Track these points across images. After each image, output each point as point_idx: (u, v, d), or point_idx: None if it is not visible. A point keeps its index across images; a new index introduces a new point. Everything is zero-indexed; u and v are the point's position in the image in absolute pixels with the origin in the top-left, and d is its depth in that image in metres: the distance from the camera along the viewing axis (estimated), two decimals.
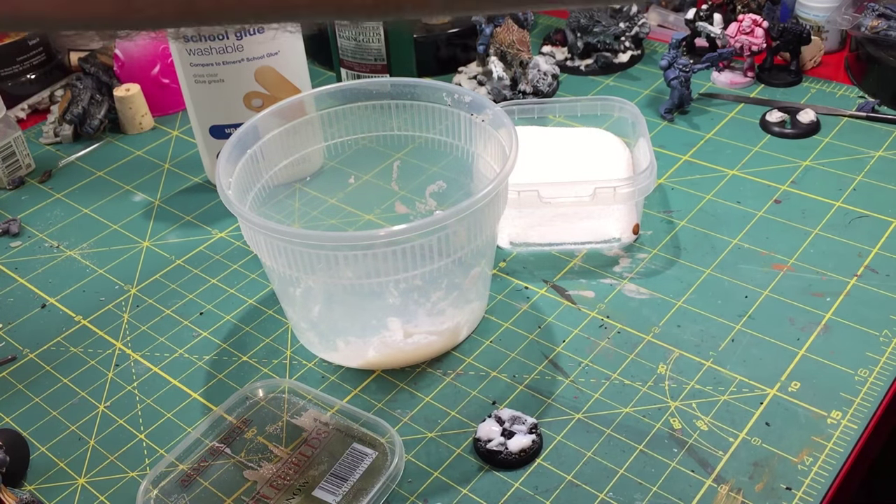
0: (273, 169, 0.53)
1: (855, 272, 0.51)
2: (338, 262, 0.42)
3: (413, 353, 0.48)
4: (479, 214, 0.42)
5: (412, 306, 0.48)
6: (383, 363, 0.48)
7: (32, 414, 0.47)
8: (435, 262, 0.42)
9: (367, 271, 0.42)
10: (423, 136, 0.53)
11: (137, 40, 0.67)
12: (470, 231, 0.43)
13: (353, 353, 0.48)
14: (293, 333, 0.51)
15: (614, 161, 0.57)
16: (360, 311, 0.48)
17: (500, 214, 0.45)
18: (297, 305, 0.49)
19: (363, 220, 0.59)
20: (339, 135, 0.55)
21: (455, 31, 0.74)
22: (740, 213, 0.56)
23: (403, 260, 0.42)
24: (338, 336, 0.48)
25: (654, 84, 0.71)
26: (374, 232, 0.41)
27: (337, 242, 0.42)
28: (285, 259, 0.43)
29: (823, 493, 0.39)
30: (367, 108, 0.53)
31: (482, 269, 0.48)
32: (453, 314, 0.48)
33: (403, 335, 0.47)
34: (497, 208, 0.45)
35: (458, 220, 0.42)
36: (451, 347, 0.48)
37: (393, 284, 0.46)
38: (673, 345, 0.47)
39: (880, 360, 0.45)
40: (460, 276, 0.48)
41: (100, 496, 0.42)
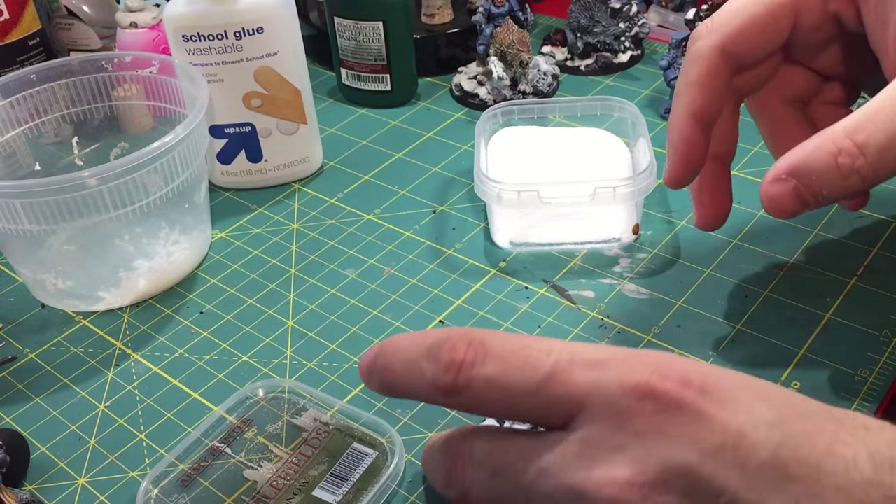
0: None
1: (855, 272, 0.51)
2: (77, 205, 0.47)
3: (177, 268, 0.55)
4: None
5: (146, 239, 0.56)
6: (155, 288, 0.54)
7: (32, 414, 0.47)
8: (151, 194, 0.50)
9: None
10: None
11: (136, 39, 0.67)
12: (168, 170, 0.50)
13: (125, 291, 0.53)
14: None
15: (614, 161, 0.57)
16: (111, 250, 0.55)
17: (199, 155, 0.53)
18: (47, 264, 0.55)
19: (363, 220, 0.59)
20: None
21: (455, 31, 0.74)
22: (740, 213, 0.56)
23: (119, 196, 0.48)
24: (98, 286, 0.53)
25: (654, 84, 0.71)
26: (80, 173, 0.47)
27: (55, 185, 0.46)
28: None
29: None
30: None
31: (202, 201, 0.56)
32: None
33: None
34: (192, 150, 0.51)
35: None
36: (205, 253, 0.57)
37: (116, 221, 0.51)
38: (673, 345, 0.47)
39: (880, 360, 0.45)
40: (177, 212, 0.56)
41: (100, 496, 0.42)
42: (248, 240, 0.59)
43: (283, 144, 0.62)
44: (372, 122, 0.70)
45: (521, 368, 0.27)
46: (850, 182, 0.36)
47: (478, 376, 0.27)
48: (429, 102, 0.72)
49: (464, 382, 0.27)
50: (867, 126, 0.35)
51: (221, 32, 0.57)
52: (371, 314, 0.52)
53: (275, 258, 0.57)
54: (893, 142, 0.35)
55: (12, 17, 0.66)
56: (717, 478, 0.23)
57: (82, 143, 0.64)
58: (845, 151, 0.36)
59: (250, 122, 0.61)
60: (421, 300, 0.52)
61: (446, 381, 0.28)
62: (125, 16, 0.67)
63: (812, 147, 0.37)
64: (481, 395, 0.27)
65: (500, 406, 0.28)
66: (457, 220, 0.58)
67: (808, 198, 0.37)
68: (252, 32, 0.57)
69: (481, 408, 0.28)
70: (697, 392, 0.24)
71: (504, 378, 0.27)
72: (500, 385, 0.27)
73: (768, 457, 0.23)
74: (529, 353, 0.27)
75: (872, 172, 0.36)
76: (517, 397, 0.27)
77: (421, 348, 0.29)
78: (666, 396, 0.24)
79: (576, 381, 0.26)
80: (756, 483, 0.23)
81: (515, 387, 0.27)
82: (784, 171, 0.37)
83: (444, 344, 0.28)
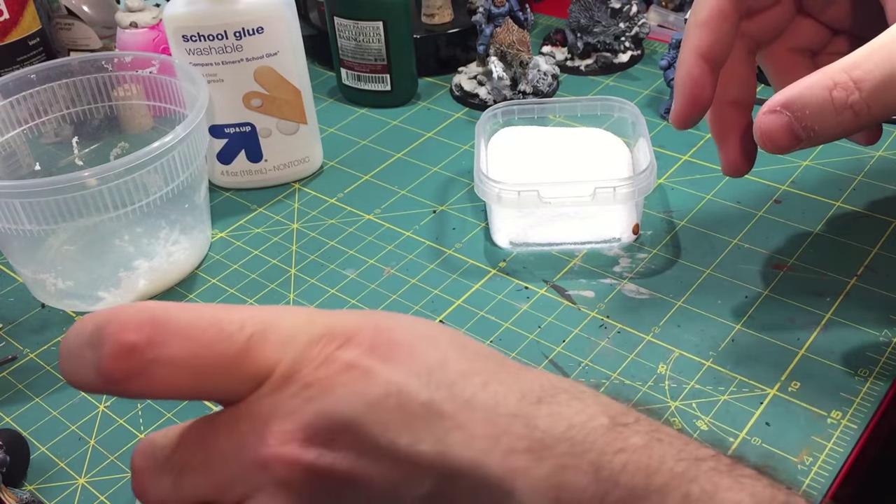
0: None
1: (855, 272, 0.51)
2: (77, 205, 0.47)
3: (177, 267, 0.55)
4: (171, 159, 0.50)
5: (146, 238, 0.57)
6: (155, 287, 0.54)
7: (32, 414, 0.47)
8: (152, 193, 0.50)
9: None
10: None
11: (136, 39, 0.67)
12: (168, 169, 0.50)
13: (124, 291, 0.53)
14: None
15: (614, 161, 0.57)
16: (110, 249, 0.56)
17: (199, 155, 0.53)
18: (48, 264, 0.55)
19: (363, 220, 0.59)
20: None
21: (455, 31, 0.74)
22: (740, 213, 0.56)
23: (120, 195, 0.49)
24: (98, 286, 0.53)
25: (654, 84, 0.71)
26: (80, 173, 0.47)
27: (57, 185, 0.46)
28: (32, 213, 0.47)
29: (823, 493, 0.39)
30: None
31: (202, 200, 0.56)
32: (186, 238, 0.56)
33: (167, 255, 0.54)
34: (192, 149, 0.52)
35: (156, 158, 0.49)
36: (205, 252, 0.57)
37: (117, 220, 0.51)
38: (673, 345, 0.47)
39: (880, 360, 0.45)
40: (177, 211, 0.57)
41: (100, 496, 0.42)
42: (248, 240, 0.59)
43: (283, 144, 0.62)
44: (372, 122, 0.70)
45: (211, 346, 0.25)
46: (843, 118, 0.37)
47: (159, 358, 0.25)
48: (429, 102, 0.72)
49: (139, 367, 0.24)
50: (864, 63, 0.36)
51: (221, 32, 0.57)
52: None
53: (275, 258, 0.57)
54: (889, 80, 0.36)
55: (12, 17, 0.66)
56: (378, 425, 0.24)
57: (82, 143, 0.64)
58: (841, 86, 0.36)
59: (250, 122, 0.61)
60: (421, 300, 0.52)
61: (115, 368, 0.24)
62: (125, 16, 0.67)
63: (809, 81, 0.37)
64: (165, 378, 0.25)
65: (190, 389, 0.25)
66: (457, 220, 0.58)
67: (800, 132, 0.38)
68: (252, 32, 0.57)
69: (162, 392, 0.25)
70: (367, 351, 0.25)
71: (193, 359, 0.25)
72: (188, 366, 0.25)
73: (426, 399, 0.24)
74: (222, 329, 0.25)
75: (866, 108, 0.37)
76: (207, 376, 0.25)
77: (82, 335, 0.25)
78: (338, 362, 0.25)
79: (267, 356, 0.26)
80: (412, 426, 0.24)
81: (206, 365, 0.25)
82: (779, 104, 0.38)
83: (109, 325, 0.25)
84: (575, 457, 0.23)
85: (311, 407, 0.25)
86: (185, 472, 0.27)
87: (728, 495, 0.23)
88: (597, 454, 0.23)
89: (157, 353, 0.25)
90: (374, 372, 0.25)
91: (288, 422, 0.25)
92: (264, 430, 0.25)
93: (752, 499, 0.23)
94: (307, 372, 0.25)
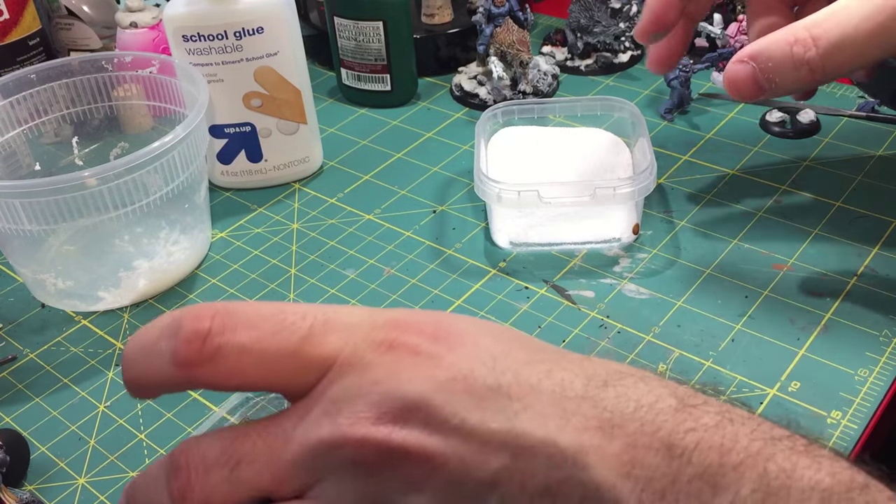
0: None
1: (855, 272, 0.51)
2: (77, 205, 0.47)
3: (177, 268, 0.55)
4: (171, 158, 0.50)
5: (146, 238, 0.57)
6: (155, 287, 0.54)
7: (32, 414, 0.47)
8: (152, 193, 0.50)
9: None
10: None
11: (136, 39, 0.67)
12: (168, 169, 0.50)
13: (124, 291, 0.53)
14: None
15: (614, 161, 0.57)
16: (109, 249, 0.56)
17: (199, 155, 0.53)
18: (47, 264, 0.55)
19: (363, 220, 0.59)
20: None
21: (455, 31, 0.74)
22: (740, 213, 0.56)
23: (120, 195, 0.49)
24: (98, 286, 0.53)
25: (654, 84, 0.71)
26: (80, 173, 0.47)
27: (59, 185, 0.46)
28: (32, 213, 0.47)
29: None
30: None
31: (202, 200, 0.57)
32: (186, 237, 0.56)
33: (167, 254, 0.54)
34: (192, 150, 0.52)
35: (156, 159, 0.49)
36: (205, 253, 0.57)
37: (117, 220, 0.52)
38: (673, 345, 0.47)
39: (880, 360, 0.45)
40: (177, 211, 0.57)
41: (100, 496, 0.42)
42: (248, 240, 0.59)
43: (283, 144, 0.62)
44: (372, 122, 0.70)
45: (275, 333, 0.26)
46: (801, 73, 0.40)
47: (228, 344, 0.26)
48: (429, 102, 0.72)
49: (211, 351, 0.26)
50: (825, 22, 0.40)
51: (221, 32, 0.57)
52: None
53: (275, 258, 0.57)
54: (844, 40, 0.39)
55: (12, 17, 0.66)
56: (448, 405, 0.25)
57: (82, 143, 0.64)
58: (801, 42, 0.40)
59: (250, 122, 0.61)
60: (421, 300, 0.52)
61: (189, 352, 0.26)
62: (125, 16, 0.67)
63: (776, 36, 0.41)
64: (234, 364, 0.26)
65: (253, 375, 0.26)
66: (457, 220, 0.58)
67: (762, 82, 0.41)
68: (252, 32, 0.57)
69: (232, 379, 0.26)
70: (431, 339, 0.26)
71: (259, 344, 0.26)
72: (254, 352, 0.26)
73: (492, 382, 0.25)
74: (285, 318, 0.26)
75: (821, 66, 0.40)
76: (273, 363, 0.26)
77: (158, 329, 0.27)
78: (403, 347, 0.26)
79: (330, 343, 0.26)
80: (481, 405, 0.25)
81: (271, 352, 0.26)
82: (746, 55, 0.42)
83: (184, 318, 0.26)
84: (646, 435, 0.24)
85: (379, 388, 0.25)
86: (242, 464, 0.27)
87: (807, 473, 0.23)
88: (667, 433, 0.24)
89: (227, 340, 0.26)
90: (440, 357, 0.26)
91: (358, 403, 0.25)
92: (335, 412, 0.25)
93: (832, 478, 0.23)
94: (372, 357, 0.26)
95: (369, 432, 0.25)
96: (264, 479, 0.26)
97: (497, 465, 0.24)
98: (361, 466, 0.25)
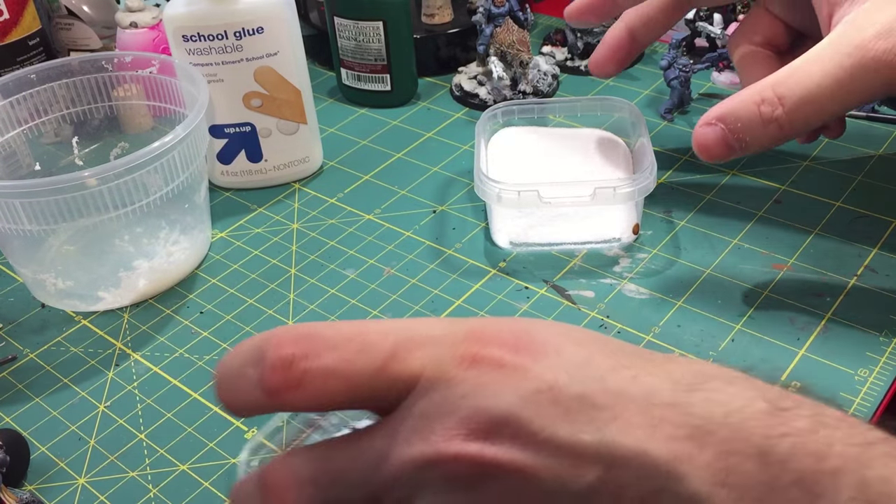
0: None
1: (855, 272, 0.51)
2: (77, 204, 0.47)
3: (177, 267, 0.55)
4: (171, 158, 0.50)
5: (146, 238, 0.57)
6: (155, 288, 0.54)
7: (32, 414, 0.47)
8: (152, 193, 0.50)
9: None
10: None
11: (136, 39, 0.67)
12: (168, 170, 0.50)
13: (124, 291, 0.53)
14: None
15: (614, 161, 0.57)
16: (109, 249, 0.56)
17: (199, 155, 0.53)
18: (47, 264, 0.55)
19: (363, 220, 0.59)
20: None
21: (455, 31, 0.74)
22: (740, 213, 0.56)
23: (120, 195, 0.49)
24: (98, 286, 0.53)
25: (654, 84, 0.71)
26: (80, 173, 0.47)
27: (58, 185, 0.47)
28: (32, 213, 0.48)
29: None
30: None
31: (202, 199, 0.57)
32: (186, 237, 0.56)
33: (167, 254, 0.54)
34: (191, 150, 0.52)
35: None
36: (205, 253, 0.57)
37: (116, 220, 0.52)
38: (673, 345, 0.47)
39: (880, 360, 0.45)
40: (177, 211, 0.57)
41: (100, 496, 0.42)
42: (248, 240, 0.59)
43: (283, 144, 0.62)
44: (372, 122, 0.70)
45: (359, 354, 0.27)
46: (770, 130, 0.41)
47: (313, 369, 0.26)
48: (429, 102, 0.72)
49: (297, 377, 0.26)
50: (787, 81, 0.41)
51: (221, 32, 0.57)
52: (371, 314, 0.52)
53: (275, 258, 0.57)
54: (807, 97, 0.40)
55: (12, 17, 0.66)
56: (536, 418, 0.24)
57: (82, 143, 0.64)
58: (767, 101, 0.41)
59: (250, 122, 0.61)
60: (421, 300, 0.52)
61: (276, 380, 0.26)
62: (125, 16, 0.67)
63: (742, 96, 0.42)
64: (320, 387, 0.26)
65: (341, 396, 0.27)
66: (457, 220, 0.58)
67: (733, 143, 0.42)
68: (252, 32, 0.57)
69: (319, 402, 0.27)
70: (513, 350, 0.26)
71: (344, 366, 0.26)
72: (340, 374, 0.26)
73: (579, 392, 0.25)
74: (367, 337, 0.27)
75: (789, 122, 0.41)
76: (359, 384, 0.27)
77: (242, 356, 0.28)
78: (486, 361, 0.26)
79: (414, 360, 0.27)
80: (570, 417, 0.24)
81: (357, 373, 0.26)
82: (714, 117, 0.42)
83: (267, 344, 0.27)
84: (738, 442, 0.23)
85: (466, 403, 0.25)
86: (337, 483, 0.27)
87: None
88: (760, 438, 0.23)
89: (312, 364, 0.26)
90: (524, 368, 0.25)
91: (448, 419, 0.25)
92: (426, 429, 0.25)
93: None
94: (457, 372, 0.26)
95: (462, 448, 0.25)
96: (359, 497, 0.27)
97: (591, 478, 0.24)
98: (456, 482, 0.25)
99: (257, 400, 0.27)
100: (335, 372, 0.26)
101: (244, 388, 0.27)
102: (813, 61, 0.41)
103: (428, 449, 0.25)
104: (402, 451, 0.26)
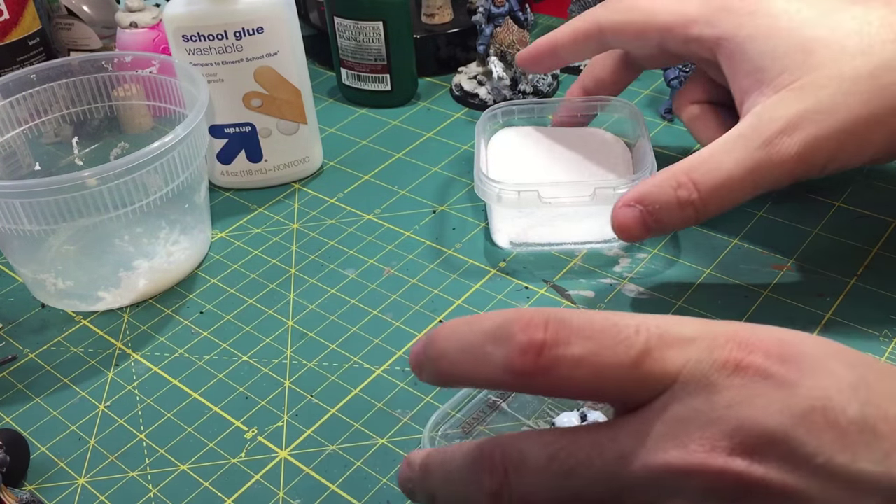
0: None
1: (855, 272, 0.51)
2: (77, 204, 0.47)
3: (177, 267, 0.55)
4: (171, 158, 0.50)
5: (146, 238, 0.57)
6: (155, 287, 0.54)
7: (32, 414, 0.47)
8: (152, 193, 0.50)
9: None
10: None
11: (136, 39, 0.67)
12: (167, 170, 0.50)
13: (124, 291, 0.53)
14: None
15: (614, 161, 0.57)
16: (109, 250, 0.56)
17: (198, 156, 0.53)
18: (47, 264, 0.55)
19: (363, 220, 0.59)
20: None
21: (455, 31, 0.74)
22: (740, 213, 0.56)
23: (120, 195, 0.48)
24: (98, 286, 0.53)
25: (654, 84, 0.71)
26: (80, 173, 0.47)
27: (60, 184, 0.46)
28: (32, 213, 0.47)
29: None
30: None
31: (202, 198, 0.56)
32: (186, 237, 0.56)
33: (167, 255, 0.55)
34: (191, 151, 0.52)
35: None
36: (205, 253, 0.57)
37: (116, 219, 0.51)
38: None
39: (880, 360, 0.45)
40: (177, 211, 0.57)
41: (100, 496, 0.42)
42: (248, 240, 0.59)
43: (283, 144, 0.62)
44: (372, 122, 0.70)
45: (611, 347, 0.26)
46: (686, 213, 0.43)
47: (564, 357, 0.26)
48: (429, 102, 0.72)
49: (547, 364, 0.26)
50: (701, 167, 0.43)
51: (221, 32, 0.57)
52: (371, 314, 0.52)
53: (275, 258, 0.57)
54: (721, 184, 0.43)
55: (12, 17, 0.66)
56: (812, 440, 0.23)
57: (82, 143, 0.64)
58: (683, 186, 0.43)
59: (250, 122, 0.61)
60: (421, 300, 0.52)
61: (524, 363, 0.26)
62: (125, 16, 0.67)
63: (659, 179, 0.44)
64: (568, 376, 0.26)
65: (588, 387, 0.26)
66: (457, 220, 0.58)
67: (651, 224, 0.44)
68: (252, 32, 0.57)
69: (563, 390, 0.27)
70: (779, 361, 0.25)
71: (594, 358, 0.26)
72: (590, 364, 0.26)
73: (856, 416, 0.24)
74: (619, 331, 0.26)
75: (704, 206, 0.43)
76: (608, 377, 0.26)
77: (482, 332, 0.27)
78: (751, 369, 0.25)
79: (669, 359, 0.26)
80: (847, 443, 0.23)
81: (608, 366, 0.26)
82: (633, 199, 0.44)
83: (515, 324, 0.27)
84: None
85: (732, 414, 0.24)
86: (577, 473, 0.26)
87: None
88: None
89: (563, 352, 0.26)
90: (794, 383, 0.24)
91: (711, 429, 0.24)
92: (683, 436, 0.25)
93: None
94: (719, 378, 0.25)
95: (728, 464, 0.24)
96: (595, 492, 0.26)
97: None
98: (715, 497, 0.24)
99: (498, 378, 0.27)
100: (585, 362, 0.26)
101: (483, 366, 0.27)
102: (726, 151, 0.43)
103: (687, 458, 0.24)
104: (654, 455, 0.25)
